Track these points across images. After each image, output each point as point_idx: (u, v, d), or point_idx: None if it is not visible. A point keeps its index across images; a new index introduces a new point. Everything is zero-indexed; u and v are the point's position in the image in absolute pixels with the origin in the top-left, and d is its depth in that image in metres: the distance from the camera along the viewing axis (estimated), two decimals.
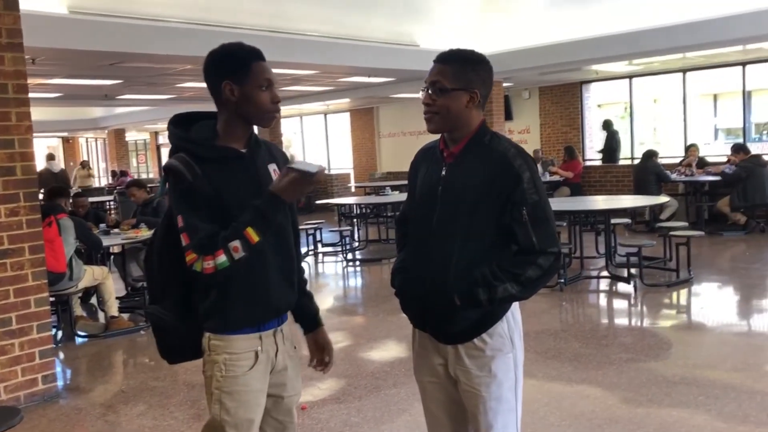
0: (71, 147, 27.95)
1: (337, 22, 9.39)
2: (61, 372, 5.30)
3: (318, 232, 10.22)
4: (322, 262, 10.02)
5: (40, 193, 5.79)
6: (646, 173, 10.55)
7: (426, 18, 10.17)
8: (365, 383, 4.49)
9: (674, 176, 10.71)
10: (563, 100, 14.71)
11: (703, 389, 4.05)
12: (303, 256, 9.50)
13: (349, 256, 9.83)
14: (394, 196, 11.03)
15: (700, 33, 9.09)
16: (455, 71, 2.06)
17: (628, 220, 8.96)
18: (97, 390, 4.82)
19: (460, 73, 2.06)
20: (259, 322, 2.06)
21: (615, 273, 7.35)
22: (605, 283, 7.39)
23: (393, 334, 5.75)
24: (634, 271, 6.97)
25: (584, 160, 13.85)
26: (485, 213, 2.06)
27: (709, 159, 11.46)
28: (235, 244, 1.87)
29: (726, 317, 6.03)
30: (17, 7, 4.22)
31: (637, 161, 12.27)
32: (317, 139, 20.09)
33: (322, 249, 10.56)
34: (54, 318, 5.52)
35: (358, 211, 11.88)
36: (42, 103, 13.11)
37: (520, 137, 15.07)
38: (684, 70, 12.72)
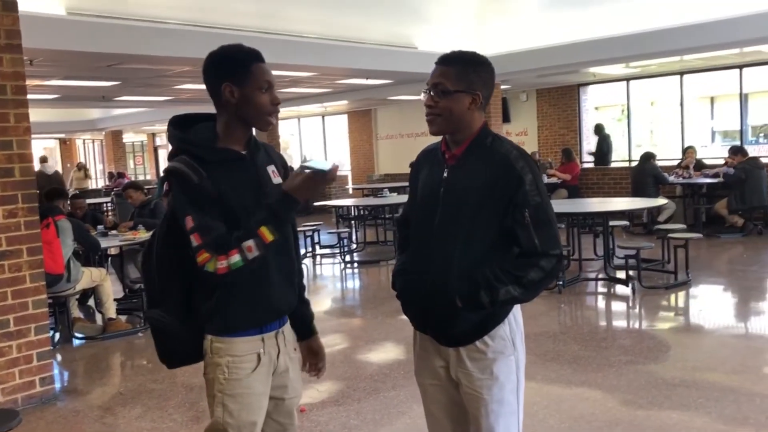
0: (68, 148, 27.89)
1: (335, 24, 9.39)
2: (59, 374, 5.28)
3: (316, 234, 10.21)
4: (320, 264, 10.01)
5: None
6: (644, 175, 10.57)
7: (424, 20, 10.18)
8: (364, 385, 4.48)
9: (672, 178, 10.74)
10: (561, 103, 14.72)
11: (702, 391, 4.05)
12: (301, 257, 9.49)
13: (347, 258, 9.83)
14: (392, 198, 11.03)
15: (698, 36, 9.12)
16: (457, 73, 2.05)
17: (626, 223, 8.97)
18: (95, 392, 4.81)
19: (462, 75, 2.06)
20: (262, 323, 2.05)
21: (613, 275, 7.35)
22: (603, 286, 7.40)
23: (392, 336, 5.74)
24: (633, 274, 6.97)
25: (581, 163, 13.87)
26: (487, 215, 2.05)
27: (706, 161, 11.49)
28: (249, 243, 1.86)
29: (724, 319, 6.04)
30: (16, 9, 4.21)
31: (634, 163, 12.29)
32: (315, 141, 20.07)
33: (320, 251, 10.55)
34: (51, 320, 5.50)
35: (355, 213, 11.88)
36: (39, 105, 13.08)
37: (517, 139, 15.07)
38: (681, 73, 12.74)
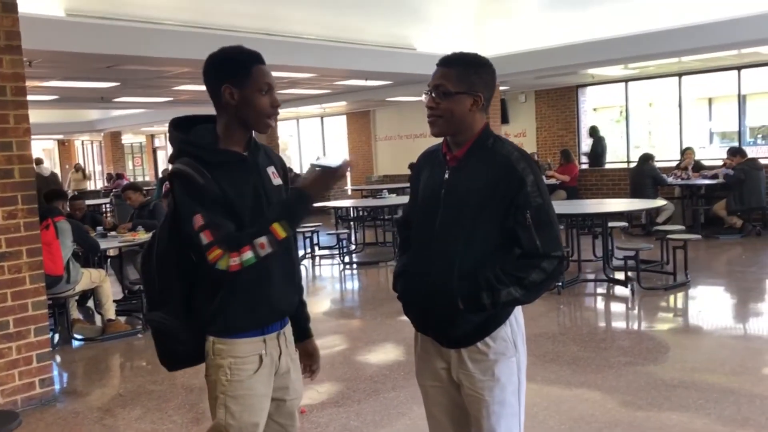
0: (67, 150, 27.87)
1: (334, 26, 9.39)
2: (58, 376, 5.27)
3: (315, 235, 10.20)
4: (319, 265, 10.00)
5: None
6: (643, 176, 10.57)
7: (423, 21, 10.18)
8: (364, 387, 4.48)
9: (670, 179, 10.75)
10: (559, 104, 14.73)
11: (702, 393, 4.05)
12: (300, 259, 9.50)
13: (346, 259, 9.82)
14: (391, 199, 11.02)
15: (696, 37, 9.14)
16: (459, 74, 2.05)
17: (625, 224, 8.97)
18: (95, 394, 4.80)
19: (463, 76, 2.06)
20: (264, 324, 2.05)
21: (612, 276, 7.35)
22: (602, 287, 7.40)
23: (391, 337, 5.74)
24: (632, 275, 6.98)
25: (580, 164, 13.87)
26: (488, 216, 2.05)
27: (705, 163, 11.51)
28: (261, 240, 1.87)
29: (723, 320, 6.04)
30: (16, 10, 4.21)
31: (633, 165, 12.30)
32: (314, 142, 20.06)
33: (319, 252, 10.55)
34: (51, 321, 5.49)
35: (354, 214, 11.88)
36: (38, 106, 13.06)
37: (516, 141, 14.97)
38: (679, 74, 12.76)
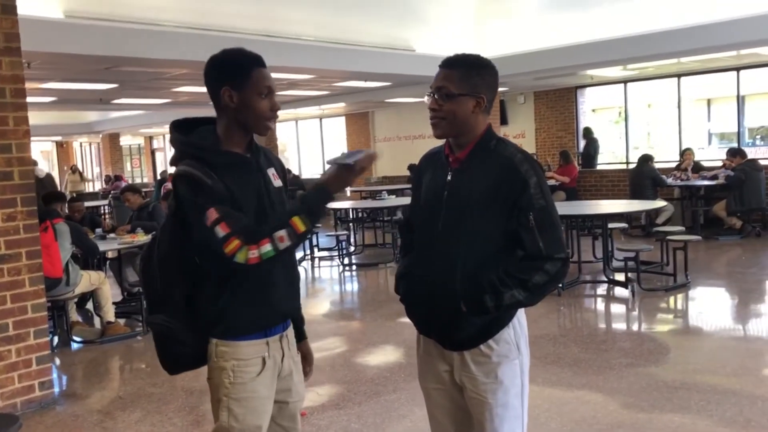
0: (65, 151, 27.87)
1: (333, 27, 9.38)
2: (58, 378, 5.25)
3: (314, 237, 10.19)
4: (319, 267, 9.99)
5: None
6: (642, 177, 10.57)
7: (422, 23, 10.17)
8: (365, 389, 4.47)
9: (670, 180, 10.75)
10: (558, 105, 14.73)
11: (703, 394, 4.05)
12: (299, 260, 9.49)
13: (346, 260, 9.81)
14: (390, 201, 11.01)
15: (695, 38, 9.14)
16: (461, 76, 2.05)
17: (624, 225, 8.97)
18: (94, 396, 4.79)
19: (466, 78, 2.05)
20: (266, 327, 2.05)
21: (612, 278, 7.34)
22: (603, 288, 7.39)
23: (391, 339, 5.73)
24: (632, 276, 6.97)
25: (579, 165, 13.87)
26: (491, 218, 2.04)
27: (703, 164, 11.51)
28: (281, 233, 1.85)
29: (724, 322, 6.04)
30: (15, 12, 4.20)
31: (632, 166, 12.30)
32: (313, 144, 20.05)
33: (318, 253, 10.53)
34: (50, 324, 5.47)
35: (354, 215, 11.86)
36: (36, 108, 13.06)
37: (515, 142, 14.98)
38: (678, 75, 12.76)
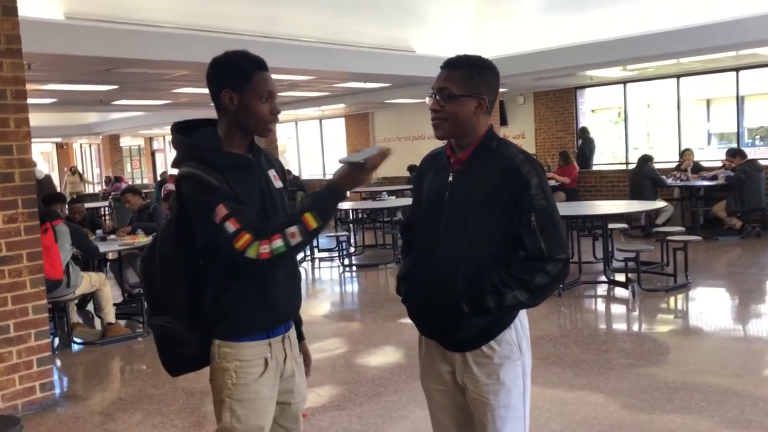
0: (65, 153, 27.88)
1: (333, 28, 9.39)
2: (58, 380, 5.26)
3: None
4: (319, 268, 9.99)
5: None
6: (642, 178, 10.57)
7: (422, 24, 10.18)
8: (366, 390, 4.47)
9: (670, 181, 10.75)
10: (558, 106, 14.73)
11: (704, 395, 4.05)
12: (300, 261, 9.48)
13: (346, 261, 9.81)
14: (390, 201, 11.01)
15: (694, 39, 9.13)
16: (463, 77, 2.05)
17: (624, 225, 8.97)
18: (95, 398, 4.79)
19: (467, 79, 2.05)
20: (269, 327, 2.05)
21: (613, 278, 7.34)
22: (603, 288, 7.39)
23: (392, 339, 5.73)
24: (632, 276, 6.97)
25: (579, 165, 13.87)
26: (493, 219, 2.04)
27: (703, 164, 11.51)
28: (292, 229, 1.86)
29: (724, 322, 6.04)
30: (16, 13, 4.20)
31: (632, 166, 12.30)
32: (313, 145, 20.05)
33: (319, 254, 10.54)
34: (50, 325, 5.47)
35: (354, 216, 11.86)
36: (37, 109, 13.04)
37: (514, 143, 15.03)
38: (678, 76, 12.76)
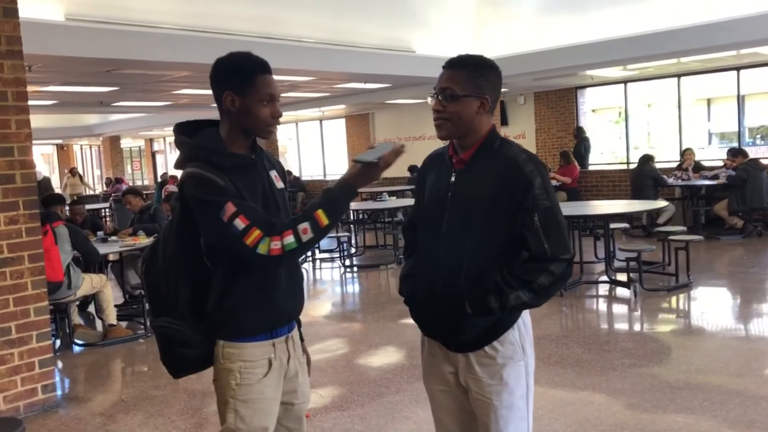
0: (65, 154, 27.90)
1: (333, 29, 9.39)
2: (60, 381, 5.25)
3: None
4: (320, 269, 9.99)
5: None
6: (643, 177, 10.57)
7: (422, 24, 10.18)
8: (367, 390, 4.47)
9: (671, 180, 10.75)
10: (559, 106, 14.73)
11: (707, 394, 4.04)
12: (301, 262, 9.48)
13: (347, 262, 9.81)
14: (391, 202, 11.01)
15: (695, 38, 9.13)
16: (465, 77, 2.04)
17: (626, 225, 8.97)
18: (97, 399, 4.78)
19: (470, 79, 2.04)
20: (272, 328, 2.05)
21: (614, 278, 7.34)
22: (605, 288, 7.38)
23: (393, 340, 5.72)
24: (634, 276, 6.96)
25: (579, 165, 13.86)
26: (496, 219, 2.03)
27: (704, 163, 11.50)
28: (304, 225, 1.85)
29: (726, 322, 6.03)
30: (17, 15, 4.19)
31: (632, 166, 12.30)
32: (313, 146, 20.05)
33: (320, 255, 10.53)
34: (52, 327, 5.46)
35: (355, 216, 11.85)
36: (37, 111, 13.05)
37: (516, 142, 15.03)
38: (678, 75, 12.76)
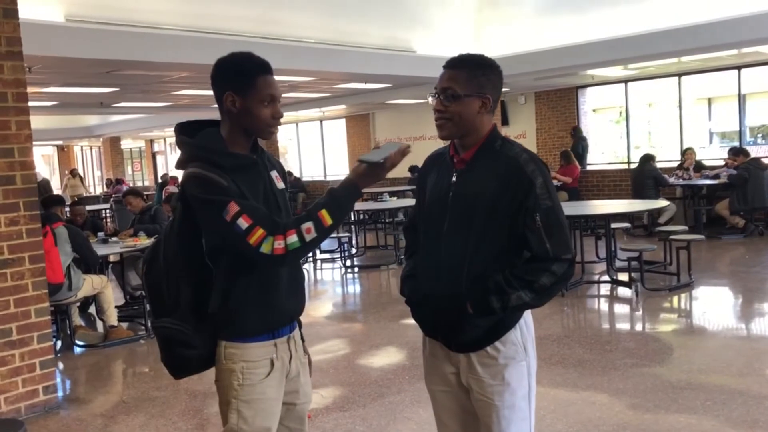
0: (66, 155, 27.90)
1: (333, 29, 9.38)
2: (61, 382, 5.25)
3: None
4: (321, 269, 9.98)
5: None
6: (644, 177, 10.55)
7: (422, 24, 10.18)
8: (369, 391, 4.46)
9: (672, 180, 10.73)
10: (559, 105, 14.71)
11: (709, 394, 4.03)
12: (301, 262, 9.47)
13: (348, 262, 9.80)
14: (392, 202, 11.00)
15: (696, 37, 9.12)
16: (467, 77, 2.03)
17: (627, 225, 8.96)
18: (98, 400, 4.78)
19: (471, 78, 2.03)
20: (274, 328, 2.05)
21: (616, 278, 7.33)
22: (606, 288, 7.37)
23: (395, 340, 5.72)
24: (635, 276, 6.95)
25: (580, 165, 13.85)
26: (497, 219, 2.03)
27: (705, 163, 11.50)
28: (307, 225, 1.85)
29: (728, 321, 6.02)
30: (17, 16, 4.19)
31: (633, 165, 12.28)
32: (313, 146, 20.04)
33: (321, 256, 10.52)
34: (53, 328, 5.46)
35: (355, 217, 11.85)
36: (37, 112, 13.04)
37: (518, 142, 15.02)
38: (679, 75, 12.74)
